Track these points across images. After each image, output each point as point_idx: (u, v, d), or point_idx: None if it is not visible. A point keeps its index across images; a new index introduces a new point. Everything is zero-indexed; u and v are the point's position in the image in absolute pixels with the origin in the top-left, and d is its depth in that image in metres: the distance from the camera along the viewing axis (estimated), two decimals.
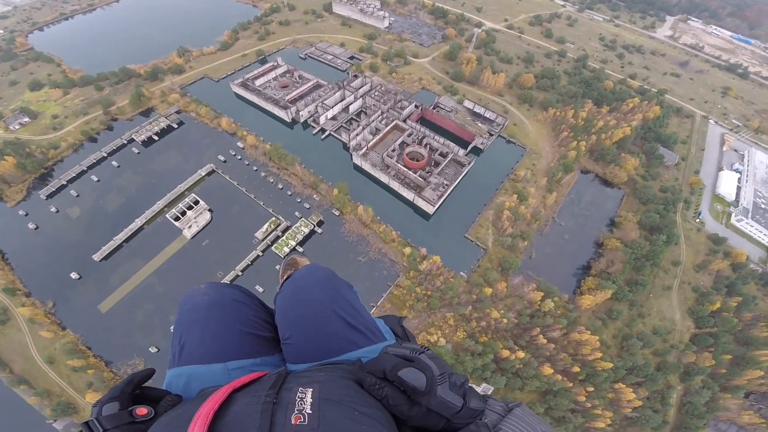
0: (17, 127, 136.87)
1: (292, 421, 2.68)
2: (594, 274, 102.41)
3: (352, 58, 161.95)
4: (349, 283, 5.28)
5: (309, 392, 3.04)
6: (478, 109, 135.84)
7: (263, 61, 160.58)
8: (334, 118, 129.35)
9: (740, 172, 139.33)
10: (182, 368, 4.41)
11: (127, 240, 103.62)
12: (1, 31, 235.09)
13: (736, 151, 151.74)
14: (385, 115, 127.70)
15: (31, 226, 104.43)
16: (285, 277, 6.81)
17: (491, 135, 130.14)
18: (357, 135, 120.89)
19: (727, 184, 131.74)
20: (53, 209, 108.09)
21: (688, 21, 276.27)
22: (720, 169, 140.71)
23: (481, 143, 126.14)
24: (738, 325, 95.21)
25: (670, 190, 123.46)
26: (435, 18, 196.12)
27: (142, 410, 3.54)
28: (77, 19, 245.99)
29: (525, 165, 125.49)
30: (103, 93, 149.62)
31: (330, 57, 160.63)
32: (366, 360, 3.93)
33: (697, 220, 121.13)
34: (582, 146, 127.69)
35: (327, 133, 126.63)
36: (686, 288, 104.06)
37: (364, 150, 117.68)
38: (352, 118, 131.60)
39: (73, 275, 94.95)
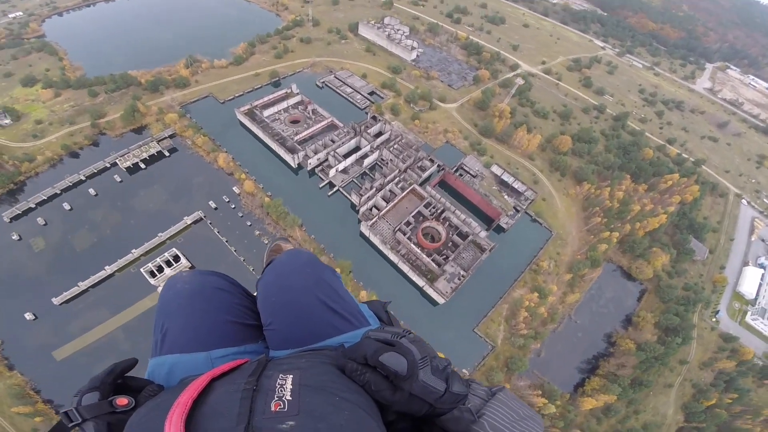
0: None
1: (272, 408, 2.62)
2: (601, 374, 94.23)
3: (372, 93, 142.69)
4: (332, 268, 4.94)
5: (289, 379, 2.90)
6: (507, 177, 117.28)
7: (276, 84, 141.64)
8: (345, 170, 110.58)
9: (765, 268, 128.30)
10: (164, 357, 4.16)
11: (93, 285, 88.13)
12: (20, 13, 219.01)
13: (763, 241, 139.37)
14: (402, 176, 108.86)
15: None
16: (268, 263, 5.95)
17: (517, 211, 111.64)
18: (369, 199, 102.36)
19: (749, 282, 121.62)
20: (15, 236, 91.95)
21: (728, 70, 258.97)
22: (745, 263, 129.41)
23: (506, 223, 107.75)
24: (725, 417, 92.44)
25: (693, 288, 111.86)
26: (468, 54, 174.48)
27: (122, 400, 3.43)
28: (99, 7, 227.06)
29: (549, 253, 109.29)
30: (96, 101, 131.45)
31: (349, 90, 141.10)
32: (349, 345, 3.70)
33: (714, 320, 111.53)
34: (614, 238, 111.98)
35: (335, 189, 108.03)
36: (687, 384, 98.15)
37: (374, 220, 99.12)
38: (365, 172, 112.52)
39: (28, 316, 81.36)
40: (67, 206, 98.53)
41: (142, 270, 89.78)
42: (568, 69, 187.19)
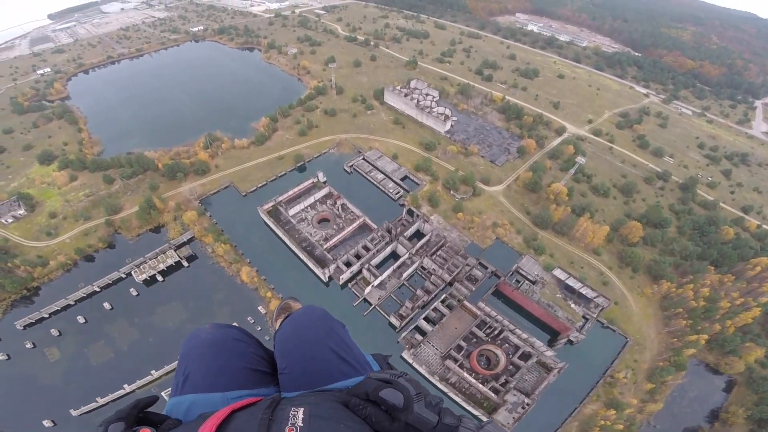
0: (9, 220, 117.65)
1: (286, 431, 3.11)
2: None
3: (405, 178, 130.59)
4: (342, 323, 5.56)
5: (301, 410, 3.37)
6: (573, 282, 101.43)
7: (302, 169, 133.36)
8: (381, 285, 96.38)
9: None
10: (185, 396, 4.59)
11: (112, 401, 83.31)
12: (48, 69, 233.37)
13: None
14: (449, 291, 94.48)
15: (1, 356, 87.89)
16: (278, 319, 7.43)
17: (586, 320, 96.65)
18: (410, 321, 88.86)
19: None
20: (29, 345, 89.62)
21: None
22: None
23: (575, 337, 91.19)
24: None
25: None
26: (507, 119, 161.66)
27: (145, 430, 3.75)
28: (123, 64, 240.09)
29: (625, 361, 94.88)
30: (112, 188, 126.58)
31: (380, 177, 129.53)
32: None
33: None
34: (702, 340, 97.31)
35: (372, 307, 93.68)
36: None
37: (416, 348, 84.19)
38: (404, 284, 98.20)
39: (46, 423, 79.23)
40: (81, 319, 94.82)
41: (163, 394, 79.75)
42: (618, 127, 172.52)
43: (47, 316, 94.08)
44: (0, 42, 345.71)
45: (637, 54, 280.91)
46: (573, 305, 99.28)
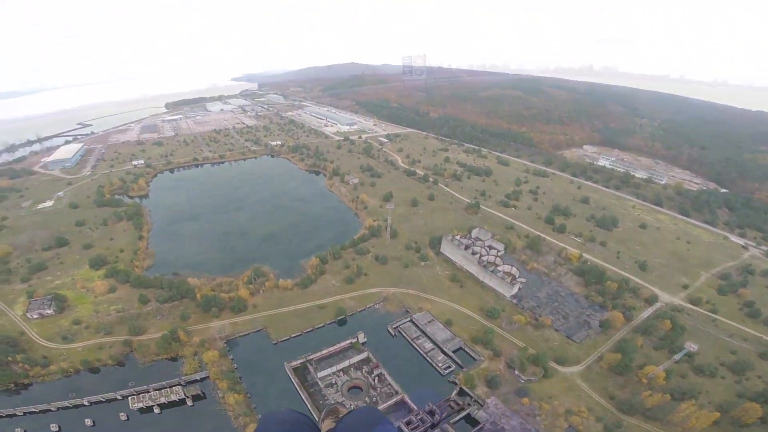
0: (35, 316, 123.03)
1: None
2: None
3: (458, 350, 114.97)
4: (392, 423, 6.39)
5: None
6: None
7: (342, 323, 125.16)
8: None
9: None
10: None
11: None
12: (141, 162, 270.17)
13: None
14: None
15: None
16: (325, 419, 8.23)
17: None
18: None
19: None
20: None
21: None
22: None
23: None
24: None
25: None
26: (585, 283, 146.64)
27: None
28: (205, 167, 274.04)
29: None
30: (144, 309, 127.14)
31: (429, 346, 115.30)
32: None
33: None
34: None
35: None
36: None
37: None
38: None
39: None
40: (54, 427, 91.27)
41: None
42: (719, 292, 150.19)
43: (21, 414, 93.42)
44: (120, 123, 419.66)
45: (724, 190, 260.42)
46: None
